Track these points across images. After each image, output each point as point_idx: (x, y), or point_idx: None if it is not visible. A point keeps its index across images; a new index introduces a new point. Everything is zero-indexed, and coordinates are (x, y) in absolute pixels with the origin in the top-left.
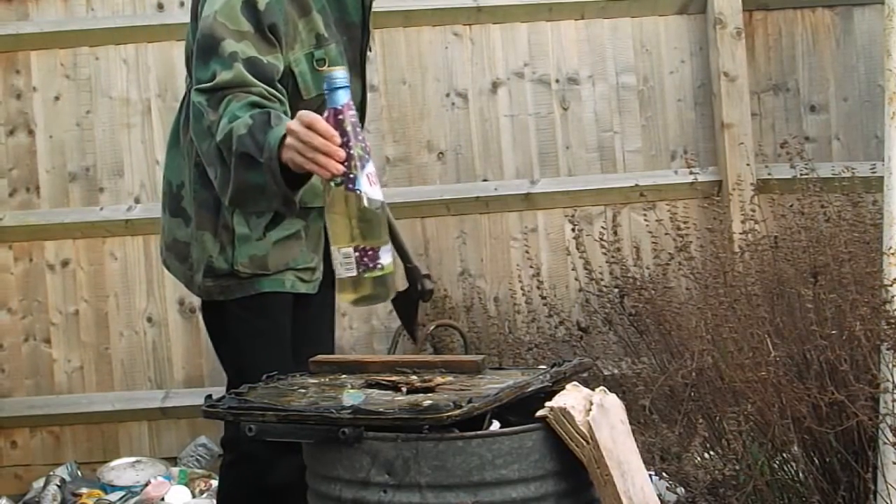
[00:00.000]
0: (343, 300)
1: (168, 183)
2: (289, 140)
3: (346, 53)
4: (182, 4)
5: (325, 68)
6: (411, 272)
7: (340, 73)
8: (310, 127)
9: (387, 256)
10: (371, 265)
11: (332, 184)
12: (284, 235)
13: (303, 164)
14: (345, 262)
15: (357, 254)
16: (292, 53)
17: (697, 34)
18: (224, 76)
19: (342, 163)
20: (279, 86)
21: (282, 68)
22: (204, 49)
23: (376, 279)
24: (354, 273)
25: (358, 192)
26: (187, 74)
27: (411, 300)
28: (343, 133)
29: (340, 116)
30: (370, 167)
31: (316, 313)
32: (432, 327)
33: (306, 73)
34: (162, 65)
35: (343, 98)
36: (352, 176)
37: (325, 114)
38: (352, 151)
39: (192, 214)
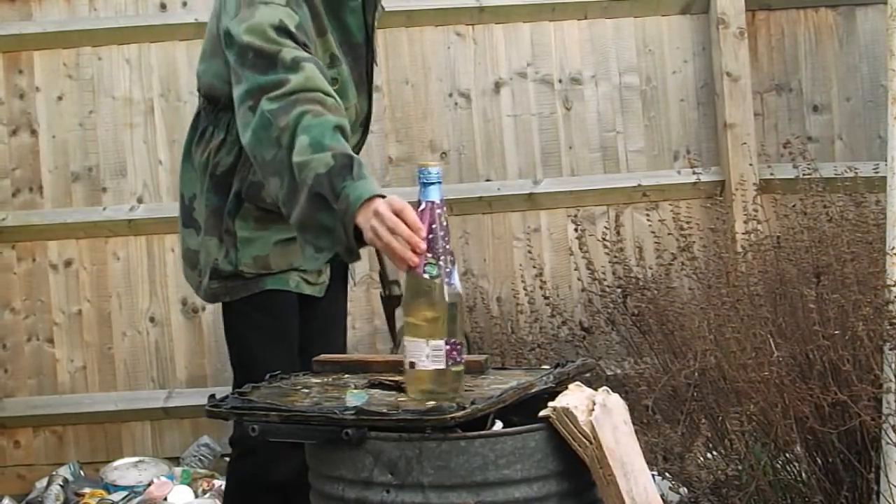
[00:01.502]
0: (417, 393)
1: (181, 196)
2: (374, 222)
3: (352, 73)
4: (185, 5)
5: (422, 165)
6: (381, 277)
7: (436, 170)
8: (398, 214)
9: (464, 353)
10: (458, 359)
11: (428, 276)
12: (285, 238)
13: (380, 248)
14: (434, 354)
15: (448, 347)
16: None
17: (700, 34)
18: (296, 81)
19: (438, 258)
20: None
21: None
22: (260, 64)
23: (457, 374)
24: (442, 366)
25: (454, 286)
26: (204, 96)
27: (385, 305)
28: (439, 228)
29: (439, 211)
30: (456, 265)
31: (327, 317)
32: None
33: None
34: (165, 65)
35: (438, 194)
36: (447, 270)
37: (421, 206)
38: (448, 246)
39: (202, 222)
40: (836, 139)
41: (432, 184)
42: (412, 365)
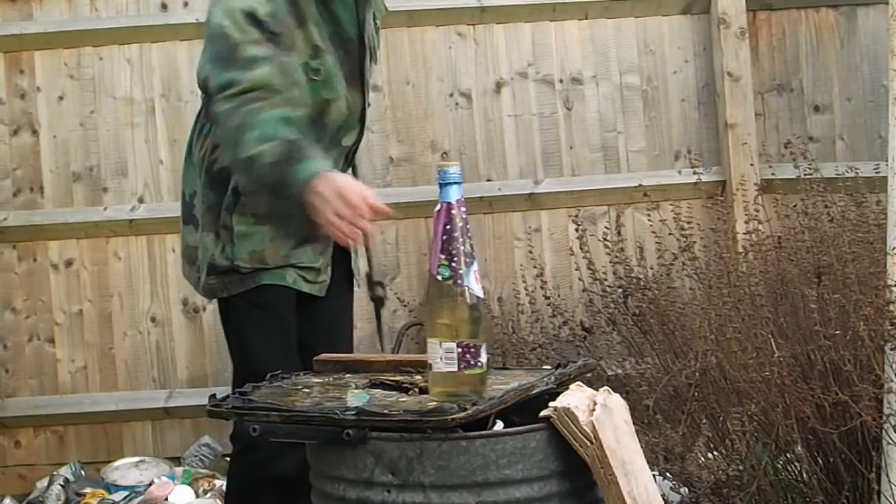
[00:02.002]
0: (435, 394)
1: (182, 193)
2: (316, 200)
3: (342, 66)
4: (186, 4)
5: (440, 166)
6: (367, 277)
7: (454, 169)
8: (340, 196)
9: (485, 355)
10: (472, 362)
11: (440, 277)
12: (281, 233)
13: (323, 225)
14: (446, 356)
15: (460, 350)
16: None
17: (701, 34)
18: (248, 80)
19: (452, 259)
20: (300, 78)
21: (298, 66)
22: (220, 58)
23: (475, 377)
24: (455, 368)
25: (466, 288)
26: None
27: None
28: (454, 228)
29: (454, 212)
30: (475, 265)
31: (331, 318)
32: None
33: (302, 81)
34: (166, 65)
35: (456, 194)
36: (460, 272)
37: (438, 207)
38: (462, 248)
39: (200, 218)
40: (837, 139)
41: (448, 184)
42: (430, 366)
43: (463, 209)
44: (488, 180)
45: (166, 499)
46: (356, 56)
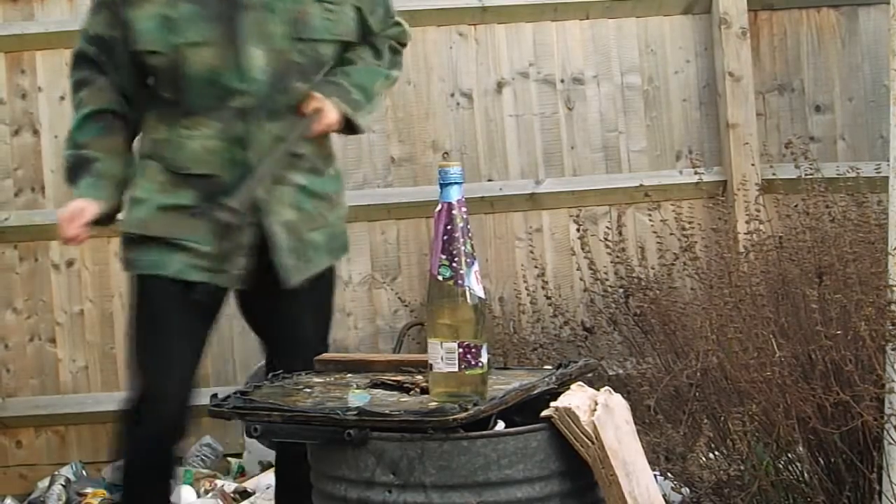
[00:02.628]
0: (436, 395)
1: None
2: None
3: (214, 19)
4: None
5: (441, 166)
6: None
7: (455, 170)
8: (61, 218)
9: (486, 355)
10: (473, 362)
11: (441, 278)
12: (172, 204)
13: None
14: (447, 356)
15: (461, 350)
16: (140, 10)
17: (702, 34)
18: (78, 47)
19: (452, 259)
20: (115, 56)
21: (119, 37)
22: None
23: (476, 377)
24: (456, 368)
25: (467, 288)
26: None
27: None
28: (455, 229)
29: (455, 212)
30: (476, 266)
31: (287, 312)
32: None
33: (152, 30)
34: None
35: (457, 194)
36: (461, 272)
37: (439, 207)
38: (463, 248)
39: None
40: (839, 139)
41: (449, 184)
42: (431, 367)
43: (464, 209)
44: (489, 180)
45: None
46: (234, 12)
